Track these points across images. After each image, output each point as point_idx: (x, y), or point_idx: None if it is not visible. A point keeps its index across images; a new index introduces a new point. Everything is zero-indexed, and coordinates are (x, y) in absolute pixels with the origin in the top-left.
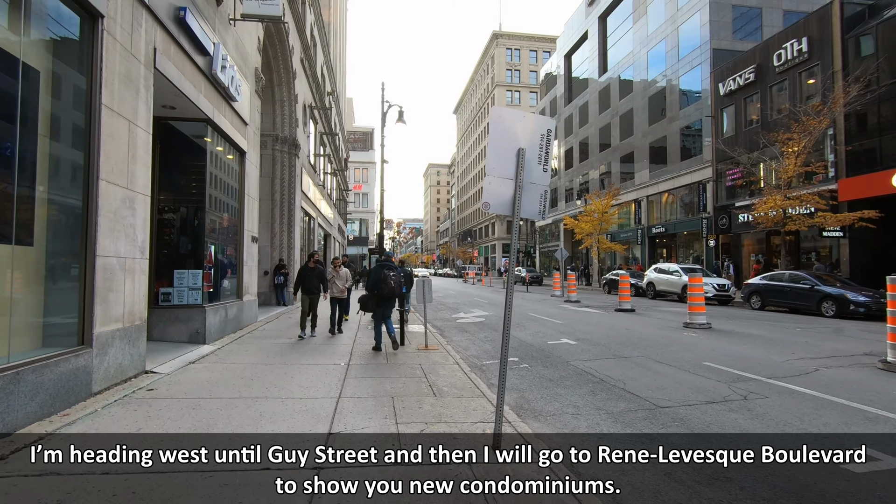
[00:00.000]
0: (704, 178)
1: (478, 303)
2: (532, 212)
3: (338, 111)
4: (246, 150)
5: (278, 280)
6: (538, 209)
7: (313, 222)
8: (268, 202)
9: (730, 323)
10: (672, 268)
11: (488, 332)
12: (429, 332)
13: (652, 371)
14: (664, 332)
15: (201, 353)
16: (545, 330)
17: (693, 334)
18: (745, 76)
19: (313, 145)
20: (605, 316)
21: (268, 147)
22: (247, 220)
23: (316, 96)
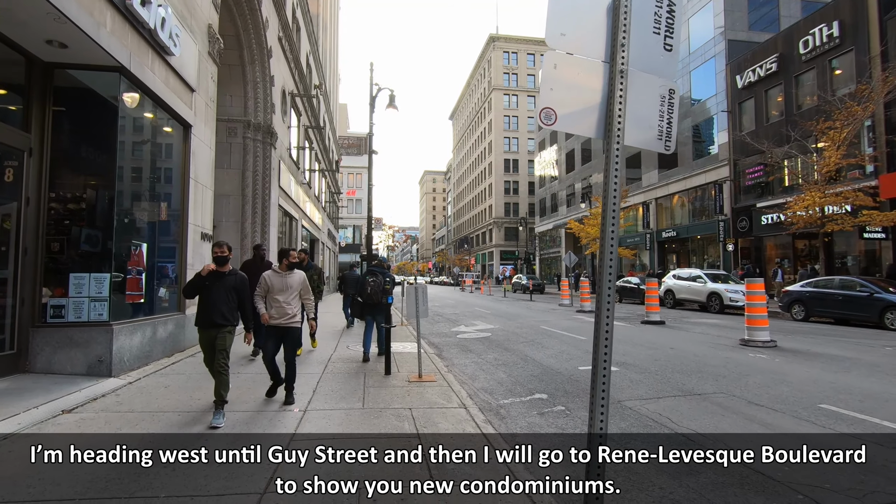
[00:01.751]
0: (720, 178)
1: (479, 313)
2: (646, 135)
3: (328, 109)
4: (192, 124)
5: None
6: (658, 131)
7: (296, 224)
8: (237, 198)
9: (792, 339)
10: (692, 273)
11: (498, 353)
12: (424, 353)
13: (757, 422)
14: (723, 354)
15: (95, 394)
16: (569, 349)
17: (763, 356)
18: (767, 66)
19: (296, 139)
20: (635, 330)
21: (237, 134)
22: (193, 211)
23: (299, 85)
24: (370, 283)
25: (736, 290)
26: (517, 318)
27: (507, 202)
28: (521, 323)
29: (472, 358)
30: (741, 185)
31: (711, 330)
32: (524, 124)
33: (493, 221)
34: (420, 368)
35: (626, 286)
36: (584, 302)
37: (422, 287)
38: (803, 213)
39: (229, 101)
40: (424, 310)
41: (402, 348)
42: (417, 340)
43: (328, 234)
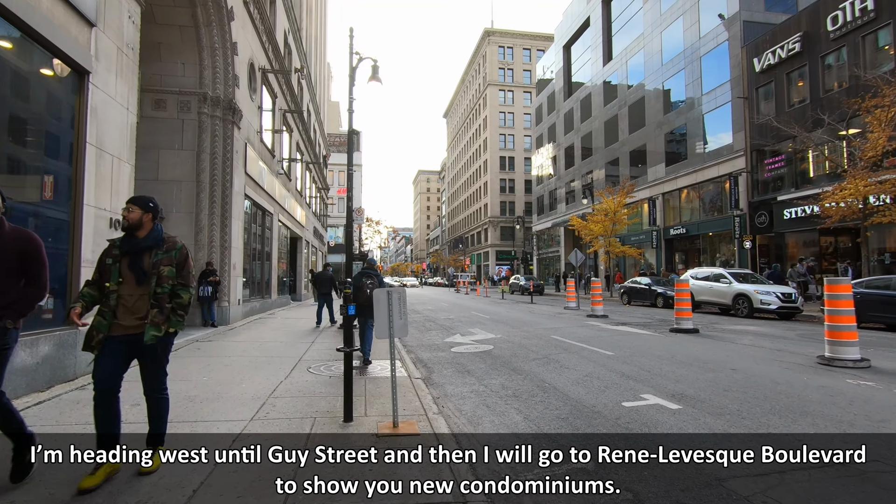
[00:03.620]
0: (735, 170)
1: (477, 319)
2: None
3: (313, 99)
4: (90, 70)
5: (204, 292)
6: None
7: (270, 218)
8: (191, 184)
9: (881, 355)
10: (714, 273)
11: (506, 375)
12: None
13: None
14: (809, 379)
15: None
16: (597, 370)
17: (870, 384)
18: (789, 47)
19: (271, 122)
20: (668, 341)
21: (191, 109)
22: (95, 189)
23: (274, 62)
24: (367, 285)
25: (768, 292)
26: (521, 324)
27: (503, 201)
28: (528, 331)
29: (472, 384)
30: (758, 178)
31: (761, 341)
32: (520, 121)
33: (488, 221)
34: (395, 406)
35: (635, 287)
36: (595, 305)
37: (398, 292)
38: (842, 203)
39: (181, 70)
40: (402, 325)
41: (381, 370)
42: (392, 368)
43: (314, 232)
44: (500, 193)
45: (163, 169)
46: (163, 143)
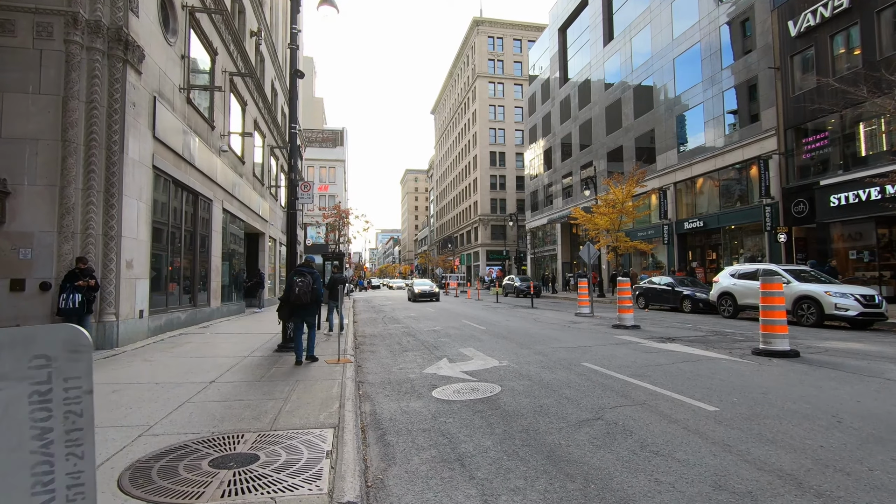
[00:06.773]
0: (764, 153)
1: (471, 332)
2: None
3: (280, 76)
4: None
5: (69, 302)
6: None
7: (208, 207)
8: (53, 144)
9: None
10: (762, 270)
11: (539, 475)
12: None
13: None
14: None
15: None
16: (722, 461)
17: None
18: (835, 3)
19: (209, 81)
20: (779, 375)
21: (53, 35)
22: None
23: (211, 3)
24: (297, 283)
25: (843, 293)
26: (530, 340)
27: (494, 198)
28: (544, 354)
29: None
30: (794, 161)
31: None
32: (511, 114)
33: (478, 219)
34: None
35: (654, 289)
36: (623, 313)
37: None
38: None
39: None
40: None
41: (307, 436)
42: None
43: (283, 228)
44: (490, 190)
45: (8, 120)
46: (8, 82)
